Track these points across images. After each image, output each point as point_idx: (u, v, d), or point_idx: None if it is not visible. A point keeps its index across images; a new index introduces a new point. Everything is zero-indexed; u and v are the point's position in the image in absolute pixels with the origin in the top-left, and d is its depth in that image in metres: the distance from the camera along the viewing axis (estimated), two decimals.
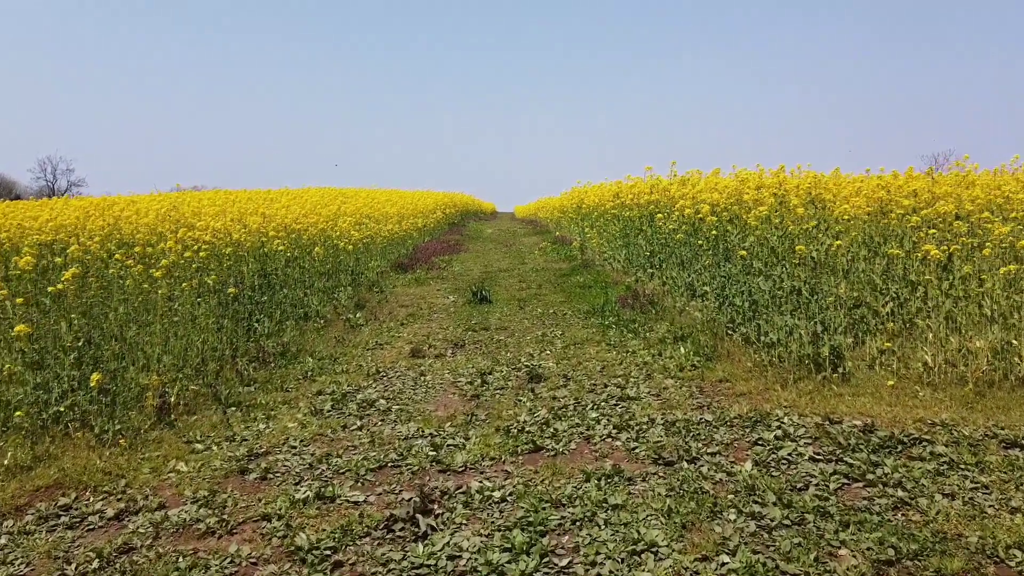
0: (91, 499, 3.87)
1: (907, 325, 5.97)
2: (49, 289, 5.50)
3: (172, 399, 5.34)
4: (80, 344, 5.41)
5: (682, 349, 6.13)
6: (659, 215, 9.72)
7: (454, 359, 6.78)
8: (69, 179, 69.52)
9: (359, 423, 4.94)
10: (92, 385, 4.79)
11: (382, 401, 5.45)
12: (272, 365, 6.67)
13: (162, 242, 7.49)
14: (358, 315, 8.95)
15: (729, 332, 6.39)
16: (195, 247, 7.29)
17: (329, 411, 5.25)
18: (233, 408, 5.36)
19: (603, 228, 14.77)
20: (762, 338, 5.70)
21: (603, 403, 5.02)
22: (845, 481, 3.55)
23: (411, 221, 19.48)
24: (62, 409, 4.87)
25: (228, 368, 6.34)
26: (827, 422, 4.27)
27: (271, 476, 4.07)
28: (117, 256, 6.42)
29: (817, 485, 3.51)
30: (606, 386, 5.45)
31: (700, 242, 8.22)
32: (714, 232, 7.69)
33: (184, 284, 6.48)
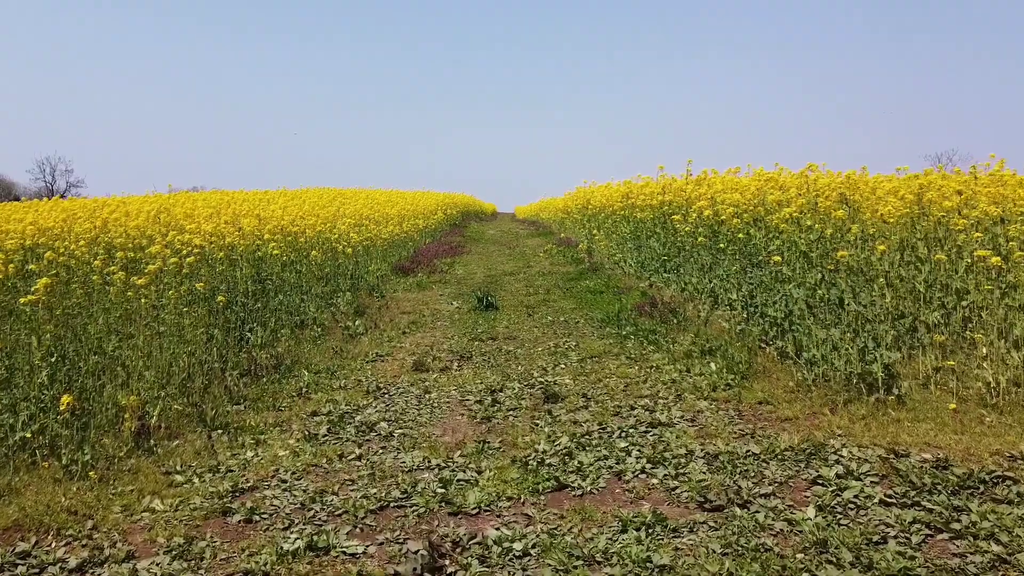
0: (53, 544, 3.38)
1: (956, 338, 5.45)
2: (21, 300, 5.00)
3: (152, 421, 4.83)
4: (53, 360, 4.91)
5: (712, 365, 5.59)
6: (675, 216, 9.21)
7: (460, 373, 6.27)
8: (68, 180, 69.04)
9: (358, 451, 4.42)
10: (62, 409, 4.29)
11: (383, 424, 4.93)
12: (264, 379, 6.16)
13: (151, 246, 6.98)
14: (357, 323, 8.44)
15: (762, 346, 5.86)
16: (184, 251, 6.77)
17: (325, 435, 4.73)
18: (219, 431, 4.85)
19: (611, 230, 14.24)
20: (802, 354, 5.18)
21: (631, 430, 4.48)
22: (928, 532, 3.02)
23: (412, 222, 18.94)
24: (28, 435, 4.36)
25: (216, 384, 5.83)
26: (892, 455, 3.73)
27: (257, 518, 3.55)
28: (96, 262, 5.92)
29: (896, 538, 2.98)
30: (632, 408, 4.91)
31: (721, 245, 7.71)
32: (741, 235, 7.18)
33: (171, 292, 5.96)
